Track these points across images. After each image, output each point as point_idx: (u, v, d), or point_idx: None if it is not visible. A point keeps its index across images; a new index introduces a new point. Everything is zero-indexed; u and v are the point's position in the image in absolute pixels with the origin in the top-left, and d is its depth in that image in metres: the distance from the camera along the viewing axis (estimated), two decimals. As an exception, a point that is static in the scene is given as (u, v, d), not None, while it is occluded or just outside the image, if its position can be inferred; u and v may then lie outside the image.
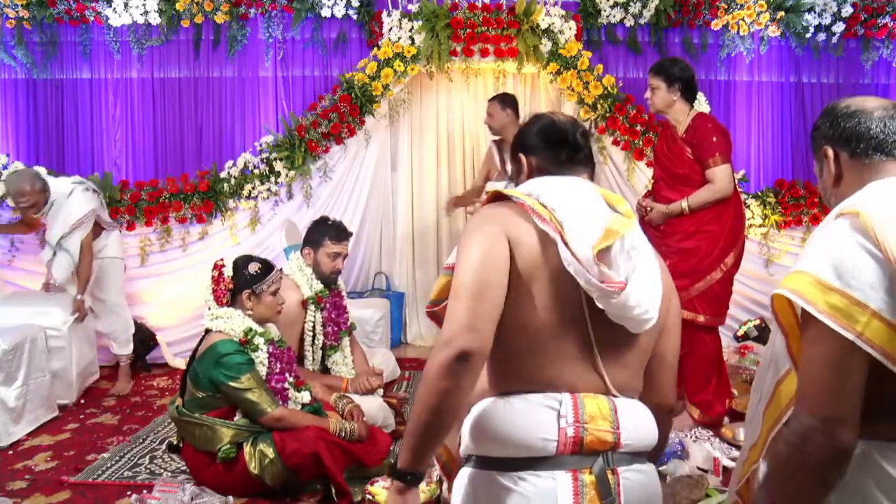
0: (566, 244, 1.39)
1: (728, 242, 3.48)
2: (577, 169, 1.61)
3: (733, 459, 3.18)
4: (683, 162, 3.49)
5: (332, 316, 3.60)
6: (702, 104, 4.61)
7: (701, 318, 3.48)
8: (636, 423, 1.45)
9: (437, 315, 1.55)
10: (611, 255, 1.42)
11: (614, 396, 1.44)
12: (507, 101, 4.58)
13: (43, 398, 3.78)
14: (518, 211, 1.45)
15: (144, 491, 2.87)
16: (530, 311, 1.40)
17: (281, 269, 3.24)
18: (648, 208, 3.58)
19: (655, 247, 3.88)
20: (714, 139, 3.41)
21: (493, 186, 4.61)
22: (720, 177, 3.41)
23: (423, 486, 2.72)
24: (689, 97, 3.51)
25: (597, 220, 1.45)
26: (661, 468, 3.00)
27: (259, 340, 2.96)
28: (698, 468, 3.05)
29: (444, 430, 1.35)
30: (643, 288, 1.43)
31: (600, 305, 1.41)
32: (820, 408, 1.18)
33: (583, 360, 1.43)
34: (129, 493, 2.91)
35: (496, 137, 4.69)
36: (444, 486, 2.59)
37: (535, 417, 1.39)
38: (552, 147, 1.61)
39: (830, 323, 1.18)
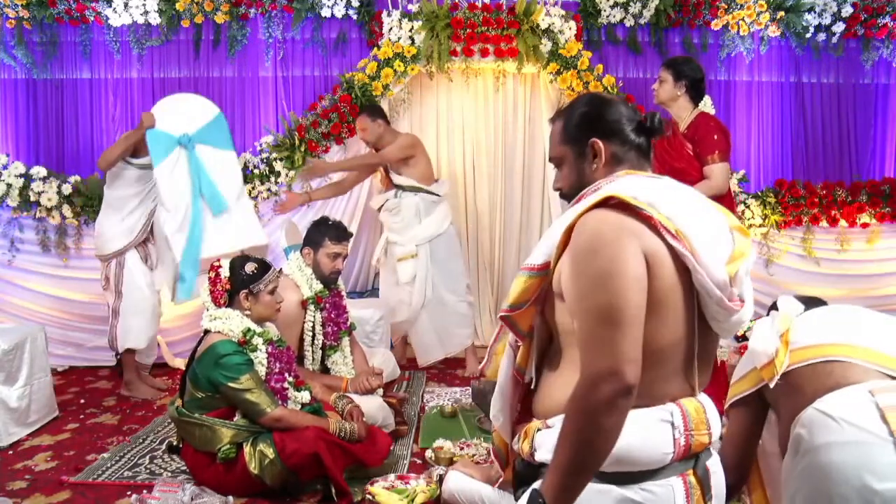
0: (700, 265, 1.37)
1: None
2: (649, 160, 1.57)
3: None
4: (682, 156, 3.54)
5: (332, 316, 3.60)
6: (707, 107, 4.62)
7: None
8: (715, 418, 1.52)
9: (512, 321, 1.53)
10: (739, 275, 1.43)
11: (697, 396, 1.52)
12: (374, 112, 4.50)
13: (45, 398, 3.78)
14: (647, 224, 1.38)
15: (144, 491, 2.87)
16: (657, 330, 1.37)
17: (280, 269, 3.24)
18: None
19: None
20: (715, 137, 3.49)
21: (380, 200, 4.59)
22: (718, 174, 3.47)
23: (422, 486, 2.72)
24: (695, 96, 3.58)
25: (718, 234, 1.45)
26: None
27: (258, 341, 2.96)
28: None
29: (600, 466, 1.32)
30: (751, 300, 1.48)
31: (717, 321, 1.45)
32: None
33: (684, 369, 1.47)
34: (129, 493, 2.91)
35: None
36: (444, 486, 2.58)
37: (655, 434, 1.42)
38: (636, 132, 1.54)
39: None
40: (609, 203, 1.40)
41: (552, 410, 1.48)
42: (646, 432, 1.40)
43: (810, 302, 2.00)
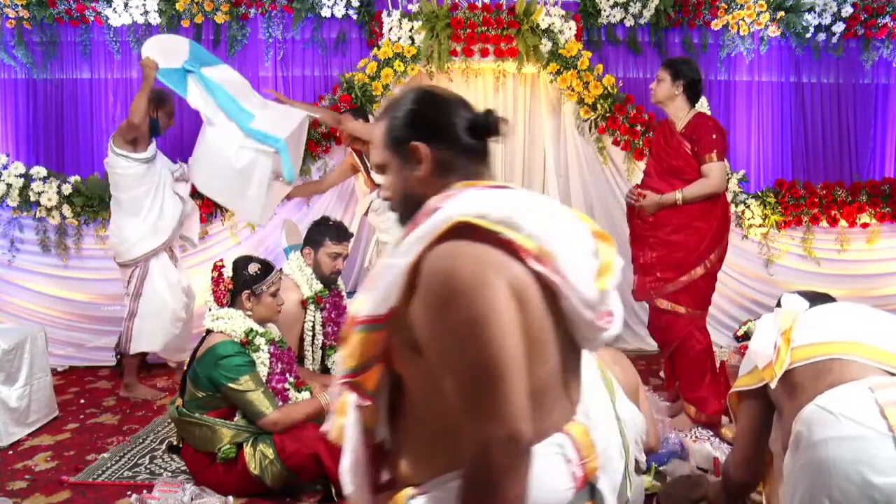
0: (570, 288, 1.21)
1: (713, 240, 3.56)
2: (487, 165, 1.35)
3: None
4: (680, 155, 3.56)
5: (332, 316, 3.60)
6: (703, 108, 4.62)
7: (682, 310, 3.55)
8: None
9: (357, 384, 1.28)
10: (608, 290, 1.29)
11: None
12: (358, 113, 4.46)
13: (45, 398, 3.78)
14: (506, 250, 1.17)
15: (144, 491, 2.87)
16: (533, 372, 1.18)
17: (280, 270, 3.24)
18: (642, 196, 3.61)
19: (643, 238, 3.95)
20: (713, 136, 3.51)
21: (365, 203, 4.52)
22: (716, 173, 3.49)
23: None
24: (692, 97, 3.60)
25: (584, 247, 1.28)
26: (661, 468, 3.01)
27: (260, 341, 2.97)
28: (698, 468, 3.05)
29: None
30: (620, 313, 1.33)
31: (588, 339, 1.30)
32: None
33: (563, 391, 1.29)
34: (129, 493, 2.91)
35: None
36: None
37: (550, 474, 1.25)
38: (469, 133, 1.32)
39: None
40: (458, 230, 1.17)
41: (423, 473, 1.27)
42: (539, 476, 1.20)
43: (817, 298, 2.01)
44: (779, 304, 2.06)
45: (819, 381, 1.71)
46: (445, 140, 1.31)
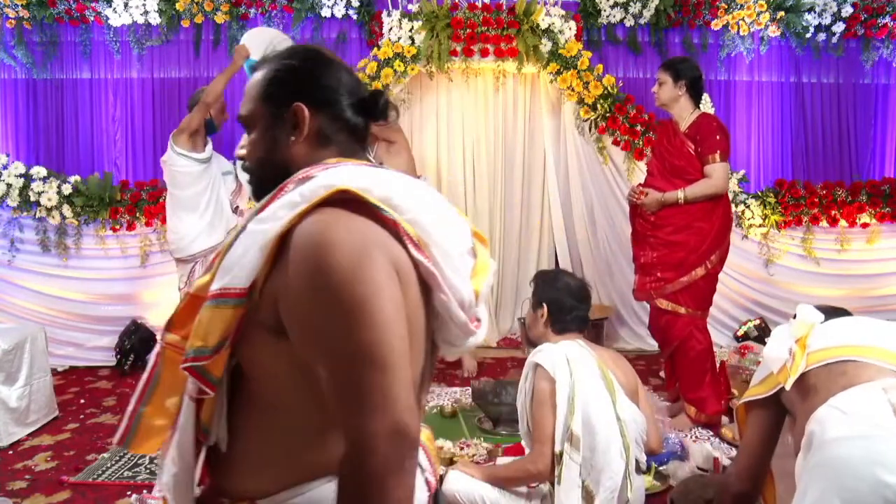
0: (447, 283, 1.09)
1: (715, 241, 3.56)
2: (365, 148, 1.23)
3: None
4: (682, 154, 3.56)
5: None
6: (707, 106, 4.62)
7: (682, 310, 3.55)
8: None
9: (203, 370, 1.06)
10: (483, 292, 1.17)
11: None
12: None
13: (45, 398, 3.78)
14: (388, 229, 1.05)
15: (144, 491, 2.87)
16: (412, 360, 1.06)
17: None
18: (644, 194, 3.61)
19: (644, 237, 3.94)
20: (717, 137, 3.51)
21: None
22: (719, 174, 3.49)
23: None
24: (695, 96, 3.60)
25: (462, 243, 1.17)
26: (661, 468, 3.01)
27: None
28: (698, 468, 3.05)
29: None
30: (486, 319, 1.21)
31: (452, 344, 1.19)
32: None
33: (418, 397, 1.14)
34: (129, 493, 2.91)
35: None
36: (444, 486, 2.58)
37: None
38: (354, 109, 1.20)
39: None
40: (338, 200, 1.03)
41: (277, 481, 1.10)
42: None
43: (833, 312, 2.02)
44: (794, 317, 2.07)
45: (833, 382, 1.72)
46: (331, 110, 1.18)
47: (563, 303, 2.55)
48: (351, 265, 0.98)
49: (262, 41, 4.08)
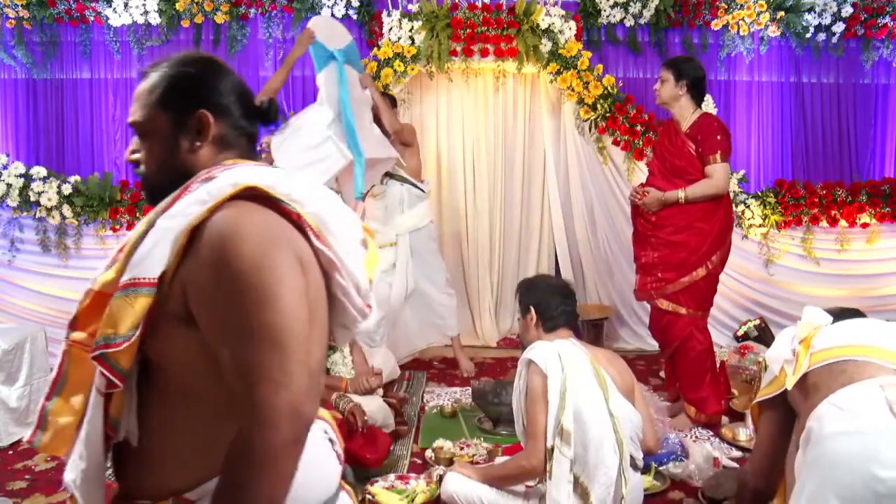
0: (346, 270, 1.19)
1: (715, 242, 3.55)
2: (254, 152, 1.29)
3: (733, 459, 3.19)
4: (683, 154, 3.55)
5: (332, 316, 3.59)
6: (709, 106, 4.62)
7: (683, 311, 3.55)
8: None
9: (112, 360, 1.09)
10: (374, 280, 1.28)
11: None
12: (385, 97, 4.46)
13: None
14: (291, 222, 1.13)
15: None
16: (313, 347, 1.13)
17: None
18: (645, 194, 3.61)
19: (645, 238, 3.94)
20: (718, 137, 3.50)
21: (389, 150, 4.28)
22: (720, 174, 3.48)
23: (422, 486, 2.72)
24: (696, 96, 3.58)
25: (355, 235, 1.26)
26: (661, 468, 3.01)
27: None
28: (698, 468, 3.05)
29: None
30: (377, 306, 1.31)
31: (346, 328, 1.28)
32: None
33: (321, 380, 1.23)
34: (129, 493, 2.91)
35: None
36: (443, 488, 2.59)
37: (321, 459, 1.24)
38: (247, 117, 1.27)
39: None
40: (244, 196, 1.10)
41: (182, 482, 1.14)
42: (317, 462, 1.18)
43: (845, 313, 2.04)
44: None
45: (833, 380, 1.75)
46: (227, 115, 1.24)
47: (549, 302, 2.59)
48: (257, 255, 1.05)
49: (332, 31, 4.03)
